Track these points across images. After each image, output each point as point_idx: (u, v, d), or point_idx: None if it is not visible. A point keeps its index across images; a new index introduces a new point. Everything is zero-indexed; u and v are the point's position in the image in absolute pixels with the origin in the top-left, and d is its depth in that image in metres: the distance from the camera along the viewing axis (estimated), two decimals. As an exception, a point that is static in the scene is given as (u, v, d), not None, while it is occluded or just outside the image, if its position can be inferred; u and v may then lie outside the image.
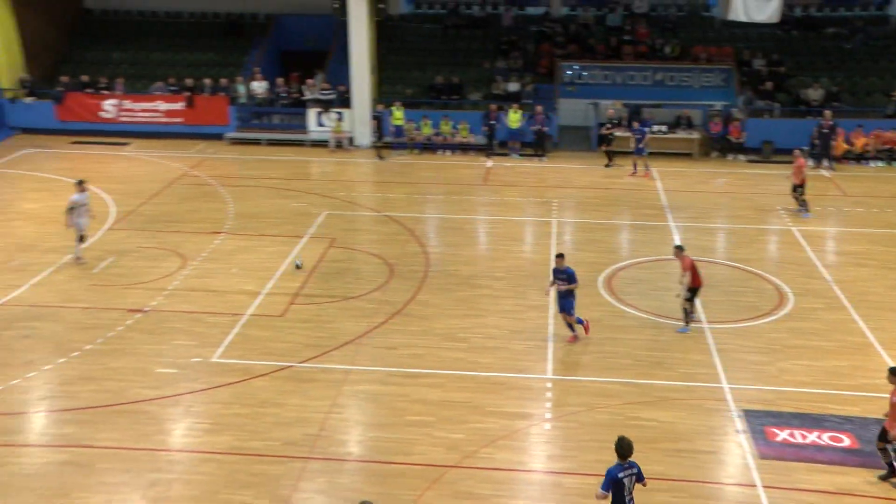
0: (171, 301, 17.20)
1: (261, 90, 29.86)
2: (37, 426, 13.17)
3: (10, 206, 23.04)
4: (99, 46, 32.89)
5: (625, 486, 9.85)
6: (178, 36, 33.38)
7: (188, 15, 34.33)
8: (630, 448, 9.87)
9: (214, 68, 31.63)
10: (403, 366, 14.73)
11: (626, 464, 9.88)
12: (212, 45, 32.84)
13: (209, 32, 33.58)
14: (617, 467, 9.85)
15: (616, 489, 9.78)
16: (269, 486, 11.64)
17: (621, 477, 9.80)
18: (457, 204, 23.32)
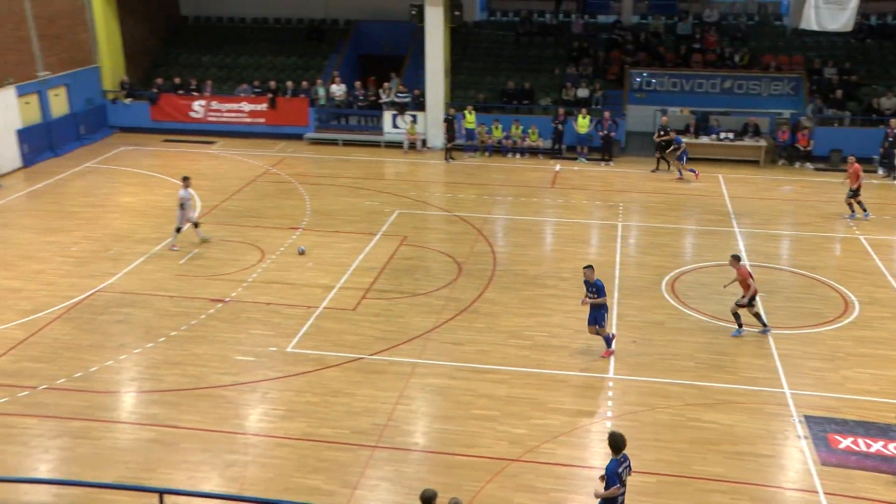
0: (251, 292, 17.97)
1: (339, 93, 30.68)
2: (127, 405, 14.01)
3: (108, 199, 24.26)
4: (191, 51, 34.32)
5: (622, 479, 10.11)
6: (264, 41, 34.52)
7: (273, 21, 35.44)
8: (623, 441, 10.12)
9: (296, 71, 32.67)
10: (470, 361, 15.11)
11: (622, 457, 10.14)
12: (294, 50, 33.87)
13: (292, 38, 34.59)
14: (614, 462, 10.09)
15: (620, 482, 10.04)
16: (338, 471, 12.09)
17: (620, 471, 10.06)
18: (525, 206, 23.68)
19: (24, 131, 27.25)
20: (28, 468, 12.22)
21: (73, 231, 21.51)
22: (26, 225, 22.14)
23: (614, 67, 31.12)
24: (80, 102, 30.19)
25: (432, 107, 29.39)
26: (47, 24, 28.38)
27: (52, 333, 16.16)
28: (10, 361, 15.15)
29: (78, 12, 30.04)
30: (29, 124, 27.60)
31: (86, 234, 21.33)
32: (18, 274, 18.87)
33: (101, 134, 31.00)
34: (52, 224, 22.08)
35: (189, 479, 11.90)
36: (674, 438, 12.88)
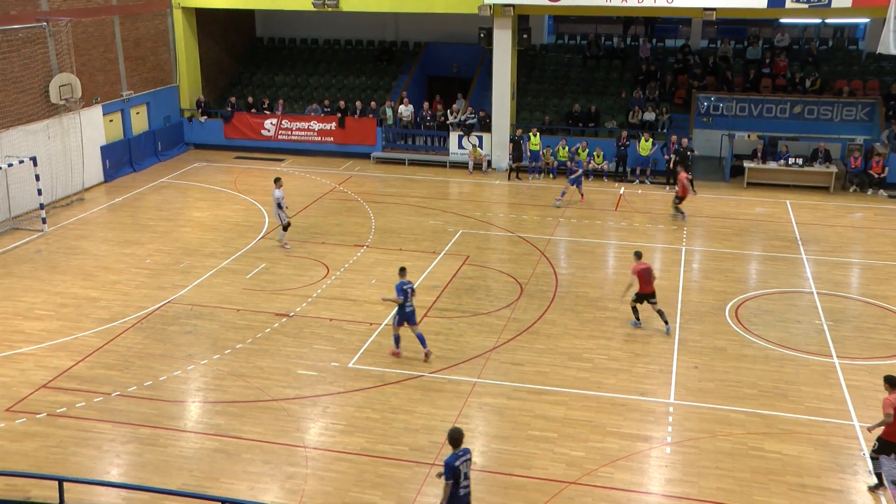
0: (315, 308, 18.31)
1: (407, 113, 31.12)
2: (193, 414, 14.38)
3: (180, 213, 25.04)
4: (265, 71, 35.25)
5: (461, 472, 10.40)
6: (335, 62, 35.25)
7: (345, 43, 36.18)
8: (461, 435, 10.54)
9: (365, 92, 33.26)
10: (528, 382, 15.13)
11: (461, 451, 10.47)
12: (364, 70, 34.49)
13: (363, 59, 35.26)
14: (452, 456, 10.39)
15: (454, 476, 10.36)
16: (396, 487, 12.20)
17: (458, 465, 10.37)
18: (587, 228, 23.62)
19: (107, 148, 28.34)
20: (101, 471, 12.66)
21: (148, 244, 22.25)
22: (105, 237, 22.99)
23: (681, 91, 30.92)
24: (158, 120, 31.28)
25: (498, 128, 29.60)
26: (133, 46, 29.55)
27: (126, 342, 16.74)
28: (87, 368, 15.74)
29: (161, 35, 31.20)
30: (111, 141, 28.70)
31: (159, 246, 22.04)
32: (97, 284, 19.60)
33: (177, 150, 32.04)
34: (129, 237, 22.88)
35: (250, 490, 12.15)
36: (735, 467, 12.69)
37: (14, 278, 19.97)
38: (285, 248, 21.59)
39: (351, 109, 31.60)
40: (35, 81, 24.88)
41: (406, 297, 15.71)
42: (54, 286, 19.46)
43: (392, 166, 30.39)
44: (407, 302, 15.72)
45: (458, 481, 10.43)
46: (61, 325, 17.44)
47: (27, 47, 24.53)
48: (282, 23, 36.27)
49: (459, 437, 10.56)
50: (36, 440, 13.38)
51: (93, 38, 27.47)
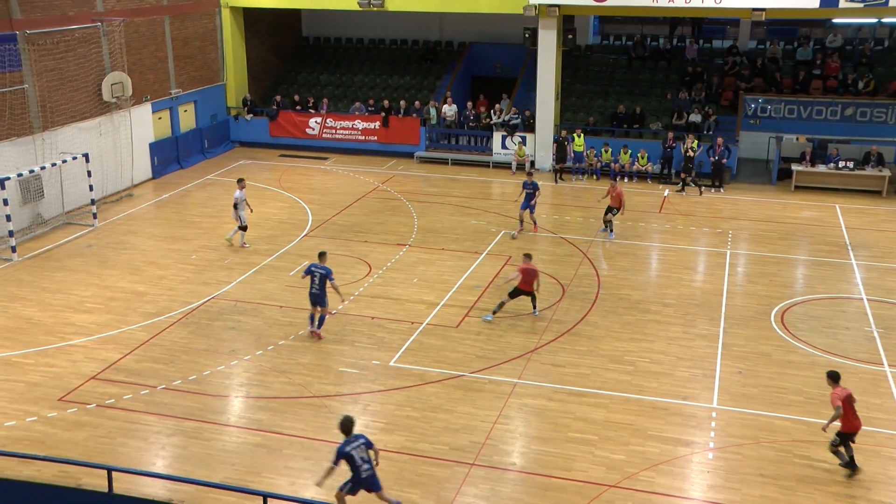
0: (356, 306, 18.43)
1: (451, 113, 31.16)
2: (236, 409, 14.57)
3: (225, 210, 25.12)
4: (310, 70, 35.54)
5: (355, 458, 10.97)
6: (380, 61, 35.41)
7: (390, 42, 36.34)
8: (351, 423, 11.16)
9: (410, 91, 33.37)
10: (569, 384, 15.07)
11: (352, 437, 11.07)
12: (409, 70, 34.61)
13: (407, 58, 35.38)
14: (343, 443, 11.02)
15: (349, 462, 10.96)
16: (435, 487, 12.24)
17: (349, 451, 10.96)
18: (631, 230, 23.44)
19: (156, 145, 28.83)
20: (147, 462, 12.91)
21: (193, 240, 22.57)
22: (152, 233, 23.38)
23: (728, 93, 30.51)
24: (205, 118, 31.72)
25: (542, 129, 29.51)
26: (182, 45, 30.00)
27: (171, 336, 17.01)
28: (135, 361, 16.04)
29: (209, 34, 31.64)
30: (160, 138, 29.18)
31: (204, 243, 22.34)
32: (144, 279, 19.94)
33: (223, 148, 32.45)
34: (175, 233, 23.24)
35: (291, 486, 12.27)
36: (780, 475, 12.50)
37: (66, 272, 20.41)
38: (244, 248, 21.78)
39: (395, 109, 31.72)
40: (89, 80, 25.40)
41: (312, 282, 16.57)
42: (103, 280, 19.85)
43: (435, 166, 30.46)
44: (313, 287, 16.51)
45: (356, 465, 11.04)
46: (110, 319, 17.77)
47: (82, 47, 25.05)
48: (327, 22, 36.55)
49: (350, 425, 11.18)
50: (86, 430, 13.69)
51: (144, 37, 27.96)
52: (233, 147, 32.86)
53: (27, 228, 22.87)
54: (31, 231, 22.90)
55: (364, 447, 11.14)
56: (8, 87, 22.45)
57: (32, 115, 23.38)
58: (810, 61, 30.96)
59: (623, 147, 28.26)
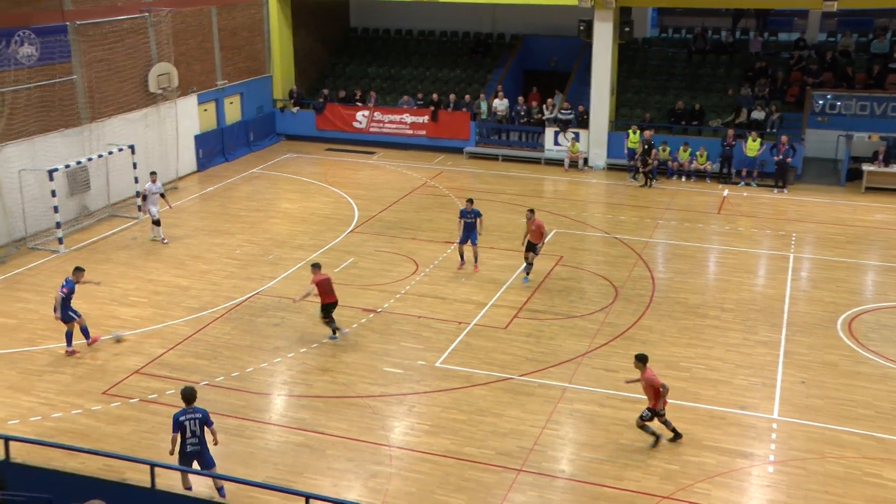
0: (402, 304, 18.07)
1: (502, 107, 30.61)
2: (279, 407, 14.35)
3: (270, 205, 25.19)
4: (358, 62, 35.26)
5: (187, 428, 11.21)
6: (429, 53, 35.00)
7: (440, 34, 35.90)
8: (193, 394, 11.43)
9: (460, 85, 32.88)
10: (622, 389, 14.55)
11: (190, 409, 11.30)
12: (459, 63, 34.15)
13: (458, 51, 34.91)
14: (180, 412, 11.28)
15: (181, 431, 11.18)
16: (481, 492, 11.91)
17: (183, 420, 11.20)
18: (688, 231, 22.73)
19: (201, 137, 28.77)
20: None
21: (238, 234, 22.41)
22: (197, 226, 23.27)
23: (794, 89, 29.40)
24: (251, 110, 31.60)
25: (596, 125, 28.82)
26: (229, 36, 29.92)
27: (214, 332, 16.80)
28: (177, 356, 15.86)
29: (257, 25, 31.53)
30: (205, 130, 29.12)
31: (249, 237, 22.15)
32: (188, 273, 19.80)
33: (269, 141, 32.32)
34: (220, 226, 23.10)
35: (334, 487, 12.04)
36: (847, 493, 11.86)
37: (111, 264, 20.36)
38: (164, 243, 21.55)
39: (444, 103, 31.29)
40: (136, 71, 25.39)
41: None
42: (148, 273, 19.74)
43: (485, 162, 29.96)
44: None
45: (185, 437, 11.23)
46: (153, 313, 17.64)
47: (130, 37, 25.04)
48: (376, 13, 36.22)
49: (191, 395, 11.42)
50: (129, 424, 13.62)
51: (191, 28, 27.90)
52: (278, 140, 32.71)
53: (74, 220, 22.90)
54: (77, 223, 22.93)
55: (198, 422, 11.30)
56: (58, 78, 22.49)
57: (80, 107, 23.40)
58: (887, 54, 29.57)
59: (683, 144, 27.38)
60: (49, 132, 22.27)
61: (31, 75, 21.55)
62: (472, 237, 19.40)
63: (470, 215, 19.35)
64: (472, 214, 19.35)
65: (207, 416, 11.42)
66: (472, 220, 19.34)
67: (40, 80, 21.89)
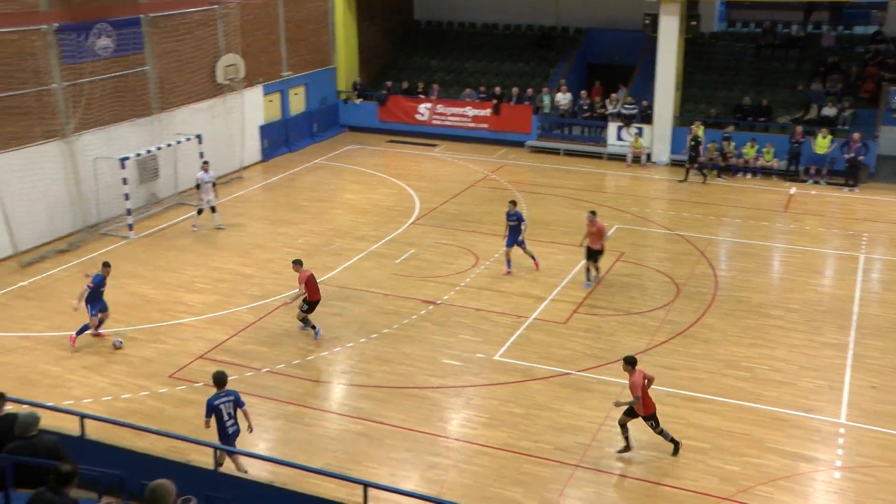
0: (462, 297, 18.11)
1: (564, 101, 30.39)
2: (338, 396, 14.54)
3: (333, 195, 25.46)
4: (421, 54, 35.37)
5: (223, 411, 11.44)
6: (493, 47, 34.87)
7: (504, 27, 35.78)
8: (224, 378, 11.57)
9: (523, 78, 32.74)
10: (681, 388, 14.41)
11: (223, 392, 11.49)
12: (522, 56, 33.97)
13: (521, 44, 34.73)
14: (213, 396, 11.48)
15: (216, 415, 11.42)
16: (537, 486, 11.90)
17: (217, 404, 11.43)
18: (753, 229, 22.29)
19: (266, 127, 29.20)
20: (249, 443, 12.89)
21: (301, 224, 22.69)
22: (260, 215, 23.64)
23: (869, 84, 28.45)
24: (315, 101, 31.95)
25: (660, 120, 28.43)
26: (295, 27, 30.29)
27: (276, 320, 17.06)
28: (240, 342, 16.16)
29: (322, 17, 31.85)
30: (270, 121, 29.54)
31: (311, 227, 22.43)
32: (251, 261, 20.13)
33: (332, 132, 32.62)
34: (283, 216, 23.43)
35: (391, 476, 12.13)
36: (921, 503, 11.53)
37: (177, 251, 20.82)
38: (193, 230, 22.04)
39: (507, 96, 31.18)
40: (204, 62, 25.89)
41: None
42: (213, 261, 20.14)
43: (547, 156, 29.76)
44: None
45: (223, 420, 11.49)
46: (218, 300, 17.99)
47: (200, 29, 25.52)
48: (440, 6, 36.26)
49: (223, 379, 11.58)
50: (193, 407, 13.84)
51: (258, 20, 28.31)
52: (342, 131, 32.98)
53: (143, 207, 23.47)
54: (146, 210, 23.50)
55: (232, 404, 11.54)
56: (131, 69, 23.06)
57: (151, 97, 23.96)
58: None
59: (751, 140, 26.83)
60: (122, 121, 22.87)
61: (107, 66, 22.18)
62: (518, 240, 19.09)
63: (513, 217, 19.06)
64: (515, 217, 19.04)
65: (239, 397, 11.68)
66: (515, 223, 19.07)
67: (115, 71, 22.50)
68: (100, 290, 15.90)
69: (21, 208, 20.11)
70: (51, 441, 9.02)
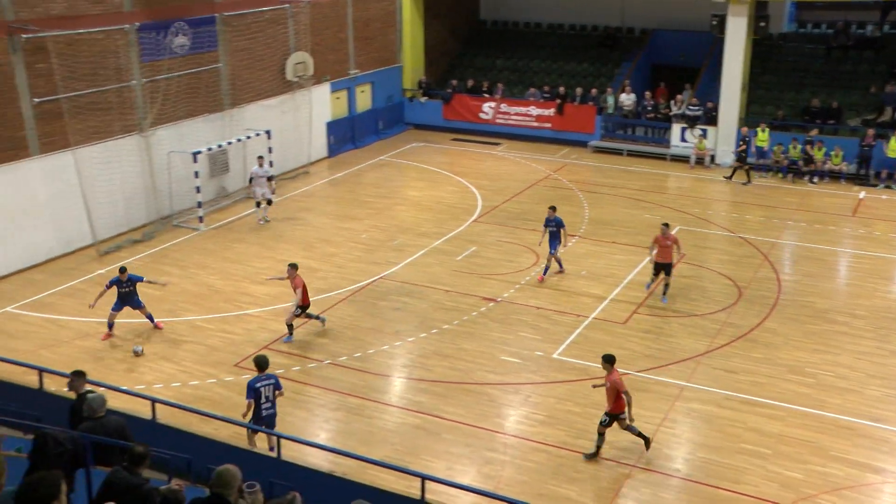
0: (522, 295, 18.20)
1: (628, 102, 30.22)
2: (398, 389, 14.76)
3: (396, 192, 25.79)
4: (486, 53, 35.49)
5: (262, 394, 11.86)
6: (557, 46, 34.83)
7: (569, 27, 35.67)
8: (266, 362, 12.06)
9: (587, 78, 32.63)
10: (742, 391, 14.29)
11: (264, 376, 11.93)
12: (587, 56, 33.86)
13: (586, 44, 34.60)
14: (254, 379, 11.91)
15: (256, 397, 11.80)
16: (593, 485, 11.94)
17: (258, 387, 11.84)
18: (819, 233, 21.91)
19: (332, 124, 29.70)
20: (310, 433, 13.30)
21: (364, 219, 23.05)
22: (325, 210, 24.08)
23: (949, 85, 27.63)
24: (381, 99, 32.34)
25: (725, 122, 28.07)
26: (363, 26, 30.72)
27: (339, 313, 17.40)
28: (304, 334, 16.53)
29: (389, 16, 32.23)
30: (336, 118, 30.03)
31: (374, 223, 22.76)
32: (316, 255, 20.55)
33: (397, 129, 32.98)
34: (347, 211, 23.82)
35: (448, 470, 12.27)
36: None
37: (245, 244, 21.36)
38: (260, 224, 22.51)
39: (571, 96, 31.14)
40: (275, 60, 26.44)
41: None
42: (278, 254, 20.60)
43: (609, 156, 29.64)
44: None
45: (260, 403, 11.88)
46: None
47: (271, 27, 26.10)
48: (506, 5, 36.34)
49: (264, 363, 12.06)
50: (256, 396, 14.24)
51: (328, 18, 28.80)
52: (406, 129, 33.32)
53: (213, 200, 24.11)
54: (216, 203, 24.15)
55: (272, 387, 11.95)
56: (205, 67, 23.71)
57: (223, 93, 24.59)
58: None
59: (818, 143, 26.36)
60: (194, 117, 23.53)
61: (183, 64, 22.85)
62: (553, 246, 18.80)
63: (552, 223, 18.76)
64: (555, 223, 18.75)
65: (279, 381, 12.13)
66: (555, 229, 18.79)
67: (190, 68, 23.18)
68: (122, 290, 16.06)
69: (100, 199, 20.89)
70: (118, 422, 9.46)
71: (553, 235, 18.81)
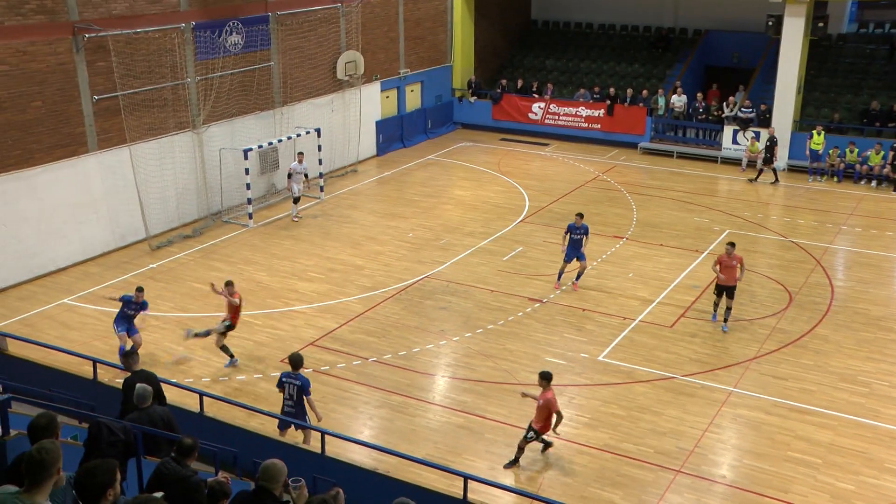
0: (568, 296, 18.12)
1: (679, 104, 29.88)
2: (441, 388, 14.79)
3: (443, 191, 25.83)
4: (536, 54, 35.38)
5: (286, 389, 12.00)
6: (608, 47, 34.59)
7: (620, 28, 35.39)
8: (299, 362, 12.09)
9: (638, 79, 32.36)
10: (791, 399, 14.06)
11: (293, 374, 11.98)
12: (638, 57, 33.55)
13: (637, 45, 34.29)
14: (285, 374, 12.07)
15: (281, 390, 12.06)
16: (637, 489, 11.85)
17: (284, 381, 12.01)
18: (875, 239, 21.43)
19: (382, 123, 29.88)
20: (355, 430, 13.39)
21: (411, 218, 23.15)
22: (373, 209, 24.24)
23: None
24: (430, 98, 32.45)
25: (779, 125, 27.56)
26: (413, 26, 30.85)
27: (384, 311, 17.51)
28: (349, 331, 16.66)
29: (440, 15, 32.31)
30: (386, 117, 30.20)
31: (421, 222, 22.85)
32: (362, 253, 20.70)
33: (446, 129, 33.06)
34: (394, 210, 23.95)
35: (491, 470, 12.26)
36: None
37: (293, 241, 21.59)
38: (293, 220, 22.76)
39: (621, 97, 30.88)
40: (326, 59, 26.68)
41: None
42: (326, 251, 20.79)
43: (659, 158, 29.36)
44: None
45: (284, 398, 12.04)
46: (329, 289, 18.59)
47: (323, 27, 26.34)
48: (557, 6, 36.18)
49: (296, 362, 12.08)
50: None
51: (378, 18, 28.98)
52: (455, 128, 33.38)
53: (262, 197, 24.42)
54: (265, 200, 24.46)
55: (297, 388, 11.93)
56: (258, 65, 24.04)
57: (275, 91, 24.90)
58: None
59: (876, 146, 25.76)
60: (246, 114, 23.88)
61: (236, 62, 23.20)
62: (580, 254, 18.25)
63: (578, 231, 18.13)
64: (581, 230, 18.14)
65: (307, 386, 12.00)
66: (579, 237, 18.18)
67: (242, 66, 23.52)
68: (127, 311, 15.17)
69: (154, 194, 21.31)
70: (164, 412, 9.70)
71: (575, 244, 18.23)
